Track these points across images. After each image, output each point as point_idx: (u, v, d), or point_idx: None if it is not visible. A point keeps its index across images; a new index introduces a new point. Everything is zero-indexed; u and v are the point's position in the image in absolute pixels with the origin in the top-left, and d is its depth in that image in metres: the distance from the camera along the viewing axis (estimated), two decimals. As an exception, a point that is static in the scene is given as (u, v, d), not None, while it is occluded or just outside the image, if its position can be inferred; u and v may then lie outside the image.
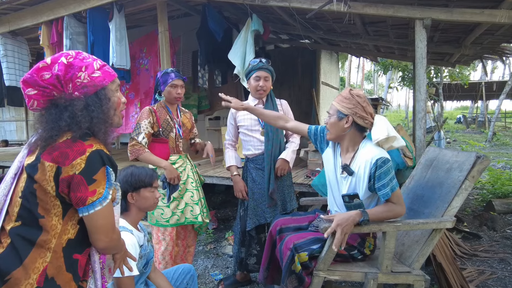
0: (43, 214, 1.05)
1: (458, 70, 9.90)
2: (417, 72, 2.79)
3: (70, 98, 1.09)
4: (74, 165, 1.03)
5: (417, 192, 2.18)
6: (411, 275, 1.77)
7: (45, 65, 1.09)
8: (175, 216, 2.35)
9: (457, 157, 2.02)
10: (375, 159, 1.69)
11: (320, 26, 4.59)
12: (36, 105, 1.10)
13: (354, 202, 1.69)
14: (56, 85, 1.08)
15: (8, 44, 4.86)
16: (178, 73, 2.40)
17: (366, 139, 1.82)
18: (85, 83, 1.10)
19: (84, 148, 1.06)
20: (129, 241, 1.56)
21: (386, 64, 9.36)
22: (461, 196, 1.84)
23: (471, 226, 3.75)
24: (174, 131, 2.40)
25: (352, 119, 1.75)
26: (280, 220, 2.03)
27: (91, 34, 3.96)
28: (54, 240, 1.06)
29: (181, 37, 5.06)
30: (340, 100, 1.79)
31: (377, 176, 1.69)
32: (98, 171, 1.07)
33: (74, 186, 1.04)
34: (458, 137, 13.55)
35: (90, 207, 1.05)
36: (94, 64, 1.14)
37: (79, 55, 1.14)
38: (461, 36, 3.98)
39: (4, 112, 13.62)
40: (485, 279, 2.60)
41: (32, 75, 1.07)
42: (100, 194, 1.07)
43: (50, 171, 1.03)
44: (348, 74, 27.45)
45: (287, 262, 1.70)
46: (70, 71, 1.09)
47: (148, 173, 1.75)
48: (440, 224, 1.77)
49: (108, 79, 1.16)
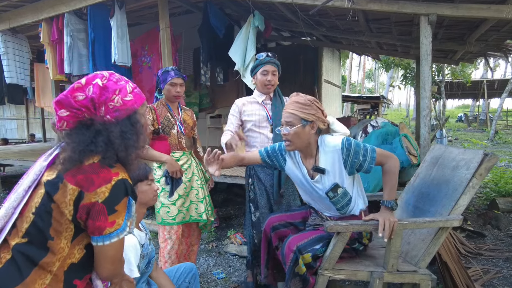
0: (53, 236, 1.00)
1: (461, 68, 9.86)
2: (422, 69, 2.75)
3: (103, 122, 1.05)
4: (98, 192, 0.99)
5: (423, 190, 2.15)
6: (418, 274, 1.74)
7: (79, 86, 1.05)
8: (181, 214, 2.34)
9: (463, 154, 1.98)
10: (340, 144, 1.73)
11: (323, 23, 4.56)
12: (66, 125, 1.06)
13: (339, 194, 1.72)
14: (90, 107, 1.05)
15: (9, 42, 4.83)
16: (178, 71, 2.39)
17: (321, 136, 1.85)
18: (117, 107, 1.07)
19: (110, 176, 1.02)
20: (129, 242, 1.54)
21: (388, 62, 9.31)
22: (468, 194, 1.81)
23: (475, 224, 3.72)
24: (176, 128, 2.39)
25: (317, 124, 1.77)
26: (273, 218, 2.01)
27: (92, 31, 3.93)
28: (57, 263, 1.02)
29: (183, 34, 5.02)
30: (299, 108, 1.75)
31: (353, 154, 1.71)
32: (121, 202, 1.03)
33: (93, 214, 1.00)
34: (460, 136, 13.50)
35: (106, 237, 1.02)
36: (127, 87, 1.11)
37: (113, 76, 1.11)
38: (466, 33, 3.93)
39: (5, 111, 13.61)
40: (490, 278, 2.58)
41: (66, 96, 1.04)
42: (118, 225, 1.03)
43: (71, 195, 0.99)
44: (349, 72, 27.40)
45: (290, 265, 1.67)
46: (104, 93, 1.06)
47: (141, 167, 1.71)
48: (447, 222, 1.74)
49: (139, 102, 1.13)
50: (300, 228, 1.97)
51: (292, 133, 1.75)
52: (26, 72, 5.10)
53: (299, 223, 1.98)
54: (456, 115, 24.43)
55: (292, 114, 1.76)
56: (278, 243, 1.95)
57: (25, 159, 5.29)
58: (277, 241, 1.95)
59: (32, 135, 11.38)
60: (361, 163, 1.72)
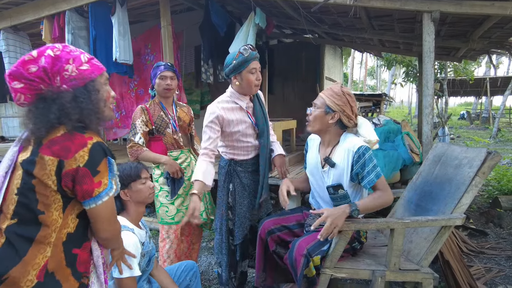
0: (43, 210, 1.03)
1: (463, 66, 9.80)
2: (425, 67, 2.73)
3: (58, 91, 1.06)
4: (77, 157, 1.02)
5: (425, 189, 2.14)
6: (420, 273, 1.73)
7: (31, 58, 1.05)
8: (180, 213, 2.33)
9: (466, 153, 1.97)
10: (357, 147, 1.71)
11: (325, 20, 4.53)
12: (23, 99, 1.06)
13: (339, 193, 1.71)
14: (43, 78, 1.05)
15: (10, 39, 4.82)
16: (168, 65, 2.36)
17: (346, 133, 1.84)
18: (73, 76, 1.08)
19: (85, 141, 1.04)
20: (130, 240, 1.54)
21: (390, 60, 9.27)
22: (471, 192, 1.79)
23: (477, 223, 3.71)
24: (170, 127, 2.35)
25: (339, 117, 1.76)
26: (268, 222, 1.97)
27: (93, 29, 3.92)
28: (54, 234, 1.04)
29: (184, 32, 5.01)
30: (330, 94, 1.77)
31: (361, 164, 1.70)
32: (101, 162, 1.06)
33: (79, 179, 1.02)
34: (462, 133, 13.45)
35: (97, 198, 1.05)
36: (81, 57, 1.11)
37: (65, 48, 1.11)
38: (469, 30, 3.90)
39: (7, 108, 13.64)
40: (492, 276, 2.57)
41: (17, 68, 1.04)
42: (105, 185, 1.07)
43: (51, 165, 1.01)
44: (351, 70, 27.30)
45: (302, 269, 1.66)
46: (57, 63, 1.07)
47: (132, 166, 1.72)
48: (450, 221, 1.73)
49: (96, 72, 1.14)
50: (295, 230, 1.96)
51: (314, 115, 1.79)
52: (27, 70, 5.09)
53: (293, 226, 1.97)
54: (458, 112, 24.32)
55: (322, 98, 1.79)
56: (275, 247, 1.93)
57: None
58: (274, 245, 1.93)
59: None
60: (363, 177, 1.72)
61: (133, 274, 1.51)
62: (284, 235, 1.93)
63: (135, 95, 4.91)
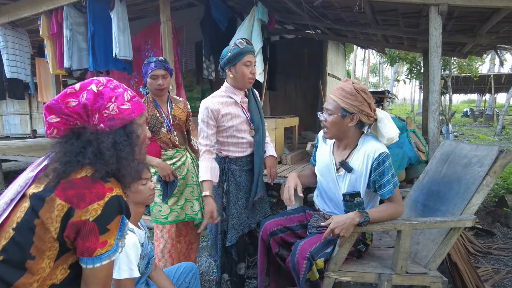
0: (35, 255, 0.91)
1: (468, 62, 9.67)
2: (431, 62, 2.65)
3: (95, 131, 0.98)
4: (89, 210, 0.91)
5: (432, 188, 2.06)
6: (428, 277, 1.66)
7: (72, 92, 0.98)
8: (174, 212, 2.26)
9: (476, 151, 1.89)
10: (378, 153, 1.60)
11: (328, 15, 4.44)
12: (56, 133, 0.99)
13: (355, 201, 1.60)
14: (82, 114, 0.98)
15: (8, 36, 4.76)
16: (159, 62, 2.19)
17: (365, 135, 1.72)
18: (112, 115, 1.00)
19: (104, 192, 0.94)
20: (130, 240, 1.48)
21: (393, 56, 9.16)
22: (481, 193, 1.72)
23: (483, 222, 3.63)
24: (165, 126, 2.25)
25: (358, 118, 1.63)
26: (269, 223, 1.89)
27: (92, 25, 3.85)
28: (35, 284, 0.92)
29: (184, 27, 4.93)
30: (343, 96, 1.62)
31: (380, 172, 1.60)
32: (113, 220, 0.95)
33: (83, 234, 0.92)
34: (466, 131, 13.32)
35: (96, 259, 0.94)
36: (124, 95, 1.04)
37: (110, 83, 1.05)
38: (476, 25, 3.80)
39: (8, 106, 13.63)
40: (501, 278, 2.49)
41: (57, 102, 0.97)
42: (110, 246, 0.95)
43: (59, 210, 0.91)
44: (354, 66, 27.15)
45: (305, 272, 1.58)
46: (99, 100, 1.00)
47: (133, 165, 1.65)
48: (460, 222, 1.65)
49: (137, 112, 1.06)
50: (297, 231, 1.88)
51: (329, 121, 1.66)
52: (26, 66, 5.04)
53: (296, 227, 1.89)
54: (461, 110, 24.13)
55: (334, 101, 1.65)
56: (278, 249, 1.86)
57: (26, 155, 5.25)
58: (277, 247, 1.86)
59: (34, 131, 11.34)
60: (380, 186, 1.62)
61: (132, 275, 1.46)
62: (286, 236, 1.86)
63: (136, 92, 4.84)
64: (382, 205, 1.66)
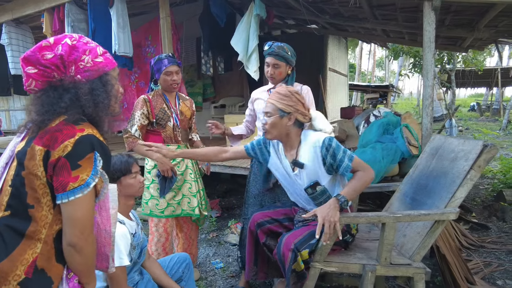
0: (33, 204, 1.00)
1: (472, 56, 9.56)
2: (425, 57, 2.66)
3: (72, 81, 1.05)
4: (61, 148, 0.99)
5: (421, 182, 2.10)
6: (411, 268, 1.71)
7: (48, 45, 1.05)
8: (171, 207, 2.31)
9: (463, 145, 1.92)
10: (321, 141, 1.70)
11: (326, 10, 4.45)
12: (34, 85, 1.06)
13: (318, 191, 1.70)
14: (59, 65, 1.04)
15: (12, 33, 4.85)
16: (172, 58, 2.28)
17: (304, 131, 1.83)
18: (88, 67, 1.07)
19: (74, 132, 1.01)
20: (119, 230, 1.54)
21: (397, 50, 9.08)
22: (465, 186, 1.75)
23: (480, 216, 3.65)
24: (172, 121, 2.30)
25: (295, 117, 1.74)
26: (257, 215, 1.99)
27: (92, 21, 3.91)
28: (44, 230, 1.01)
29: (184, 23, 4.97)
30: (279, 98, 1.75)
31: (331, 155, 1.68)
32: (85, 157, 1.00)
33: (57, 170, 0.99)
34: (471, 125, 13.18)
35: (70, 193, 0.98)
36: (97, 49, 1.11)
37: (82, 38, 1.10)
38: (475, 19, 3.78)
39: (15, 101, 13.81)
40: (491, 271, 2.53)
41: (34, 53, 1.03)
42: (82, 181, 1.00)
43: (39, 155, 0.99)
44: (359, 60, 26.90)
45: (290, 263, 1.65)
46: (74, 53, 1.06)
47: (123, 160, 1.70)
48: (443, 215, 1.69)
49: (110, 66, 1.13)
50: (285, 224, 1.94)
51: (269, 123, 1.76)
52: (30, 63, 5.11)
53: (283, 220, 1.96)
54: (468, 104, 23.80)
55: (271, 104, 1.76)
56: (265, 240, 1.93)
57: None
58: (265, 237, 1.93)
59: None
60: (337, 166, 1.70)
61: (122, 263, 1.51)
62: (274, 227, 1.93)
63: (136, 88, 4.91)
64: (350, 180, 1.71)
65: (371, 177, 1.71)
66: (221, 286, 2.49)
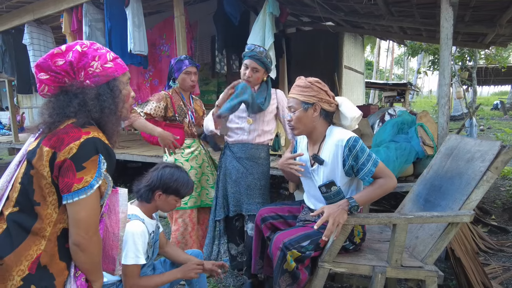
0: (39, 201, 1.05)
1: (496, 52, 9.21)
2: (441, 54, 2.58)
3: (81, 86, 1.10)
4: (67, 150, 1.03)
5: (435, 183, 2.05)
6: (423, 271, 1.67)
7: (59, 52, 1.10)
8: (193, 198, 2.43)
9: (479, 146, 1.86)
10: (345, 140, 1.64)
11: (341, 7, 4.38)
12: (47, 90, 1.11)
13: (332, 191, 1.63)
14: (69, 71, 1.09)
15: (34, 33, 5.00)
16: (191, 60, 2.44)
17: (331, 126, 1.77)
18: (97, 73, 1.12)
19: (80, 135, 1.05)
20: (138, 228, 1.58)
21: (415, 47, 8.86)
22: (481, 188, 1.69)
23: (499, 219, 3.53)
24: (188, 117, 2.46)
25: (320, 106, 1.69)
26: (263, 210, 1.99)
27: (108, 21, 3.99)
28: (49, 228, 1.06)
29: (198, 22, 5.00)
30: (299, 91, 1.71)
31: (354, 157, 1.62)
32: (89, 159, 1.05)
33: (63, 171, 1.03)
34: (494, 125, 12.73)
35: (74, 194, 1.03)
36: (107, 55, 1.15)
37: (93, 45, 1.15)
38: (496, 14, 3.64)
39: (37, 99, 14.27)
40: (510, 276, 2.44)
41: (46, 60, 1.09)
42: (86, 182, 1.04)
43: (46, 156, 1.04)
44: (377, 57, 26.43)
45: (278, 262, 1.63)
46: (83, 59, 1.10)
47: (189, 185, 1.74)
48: (457, 218, 1.64)
49: (120, 71, 1.17)
50: (289, 221, 1.93)
51: (295, 118, 1.71)
52: (51, 62, 5.27)
53: (287, 216, 1.94)
54: (491, 102, 23.00)
55: (293, 98, 1.72)
56: (269, 234, 1.93)
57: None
58: (268, 232, 1.93)
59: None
60: (358, 170, 1.64)
61: (139, 262, 1.56)
62: (277, 223, 1.92)
63: (150, 86, 4.99)
64: (368, 186, 1.66)
65: (392, 186, 1.64)
66: (231, 283, 2.51)
